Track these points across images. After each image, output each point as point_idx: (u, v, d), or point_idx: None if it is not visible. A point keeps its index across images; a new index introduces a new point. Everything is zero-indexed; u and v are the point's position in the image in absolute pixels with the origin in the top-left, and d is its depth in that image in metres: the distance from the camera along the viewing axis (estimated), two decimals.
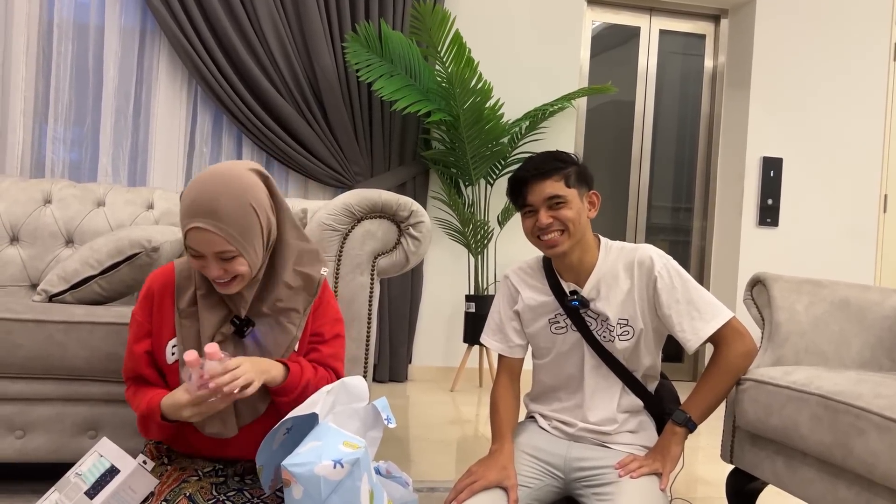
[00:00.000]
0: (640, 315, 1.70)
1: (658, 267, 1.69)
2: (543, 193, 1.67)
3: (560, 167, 1.68)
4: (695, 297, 1.68)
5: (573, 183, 1.68)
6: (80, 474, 1.40)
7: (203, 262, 1.35)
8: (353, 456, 1.21)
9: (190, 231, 1.32)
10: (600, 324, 1.72)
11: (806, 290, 1.95)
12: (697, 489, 2.41)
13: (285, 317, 1.46)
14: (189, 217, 1.33)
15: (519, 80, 4.26)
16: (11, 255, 2.46)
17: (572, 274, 1.74)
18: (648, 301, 1.70)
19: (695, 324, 1.66)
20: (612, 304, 1.71)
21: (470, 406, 3.59)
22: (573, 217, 1.66)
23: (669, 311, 1.68)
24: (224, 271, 1.35)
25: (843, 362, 1.89)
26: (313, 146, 3.86)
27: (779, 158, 4.56)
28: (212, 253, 1.33)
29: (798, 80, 4.59)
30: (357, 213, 1.94)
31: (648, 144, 4.81)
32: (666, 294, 1.68)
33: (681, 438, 1.66)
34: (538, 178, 1.68)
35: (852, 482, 1.51)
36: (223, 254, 1.34)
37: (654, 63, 4.81)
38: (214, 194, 1.33)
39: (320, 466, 1.18)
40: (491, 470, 1.62)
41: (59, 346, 1.81)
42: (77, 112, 3.75)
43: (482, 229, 3.93)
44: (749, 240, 4.55)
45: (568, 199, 1.66)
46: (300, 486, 1.18)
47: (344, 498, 1.19)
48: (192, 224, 1.32)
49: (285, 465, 1.19)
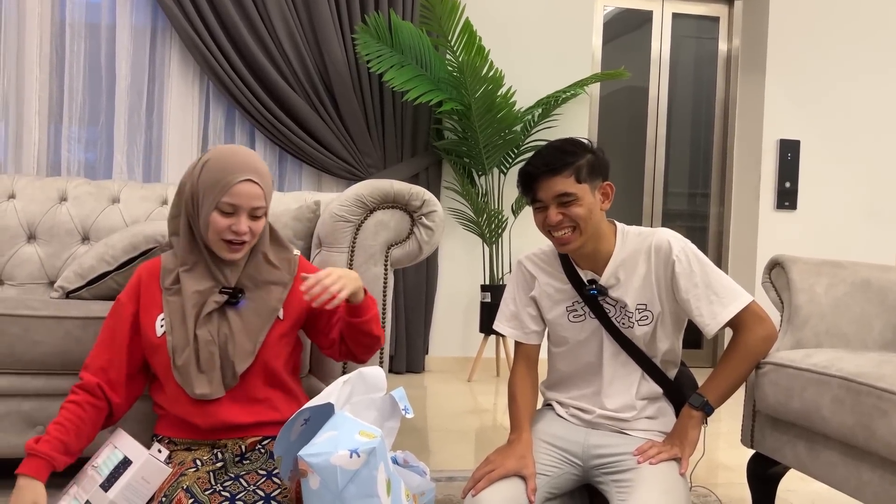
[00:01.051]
0: (657, 299, 1.67)
1: (676, 251, 1.66)
2: (553, 191, 1.61)
3: (570, 162, 1.61)
4: (713, 280, 1.64)
5: (584, 177, 1.62)
6: (95, 467, 1.41)
7: (232, 219, 1.47)
8: (370, 445, 1.20)
9: (239, 184, 1.46)
10: (619, 310, 1.70)
11: (826, 272, 1.92)
12: (718, 475, 2.39)
13: (265, 290, 1.56)
14: (236, 172, 1.46)
15: (531, 68, 4.23)
16: (29, 254, 2.48)
17: (589, 262, 1.71)
18: (666, 285, 1.68)
19: (713, 308, 1.63)
20: (631, 290, 1.68)
21: (487, 395, 3.58)
22: (584, 215, 1.61)
23: (688, 295, 1.65)
24: (249, 229, 1.48)
25: (865, 344, 1.86)
26: (326, 139, 3.86)
27: (796, 141, 4.50)
28: (249, 208, 1.47)
29: (814, 61, 4.52)
30: (369, 203, 1.93)
31: (663, 130, 4.76)
32: (684, 278, 1.65)
33: (698, 422, 1.64)
34: (547, 174, 1.61)
35: (876, 465, 1.49)
36: (257, 210, 1.49)
37: (668, 47, 4.76)
38: (254, 157, 1.52)
39: (336, 456, 1.17)
40: (509, 459, 1.61)
41: (78, 341, 1.82)
42: (91, 111, 3.77)
43: (496, 219, 3.91)
44: (767, 224, 4.50)
45: (579, 196, 1.60)
46: (317, 477, 1.18)
47: (360, 487, 1.19)
48: (242, 177, 1.46)
49: (302, 456, 1.19)
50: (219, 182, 1.46)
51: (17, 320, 1.79)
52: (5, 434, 1.83)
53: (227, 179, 1.46)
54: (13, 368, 1.82)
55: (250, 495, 1.36)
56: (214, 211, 1.47)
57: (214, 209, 1.47)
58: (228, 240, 1.48)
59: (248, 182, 1.47)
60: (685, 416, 1.65)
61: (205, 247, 1.53)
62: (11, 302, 1.85)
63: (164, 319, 1.51)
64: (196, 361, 1.48)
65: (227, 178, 1.46)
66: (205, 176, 1.48)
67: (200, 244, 1.53)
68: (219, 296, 1.52)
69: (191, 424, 1.51)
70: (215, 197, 1.46)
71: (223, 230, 1.47)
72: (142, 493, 1.38)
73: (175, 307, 1.51)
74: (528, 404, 1.77)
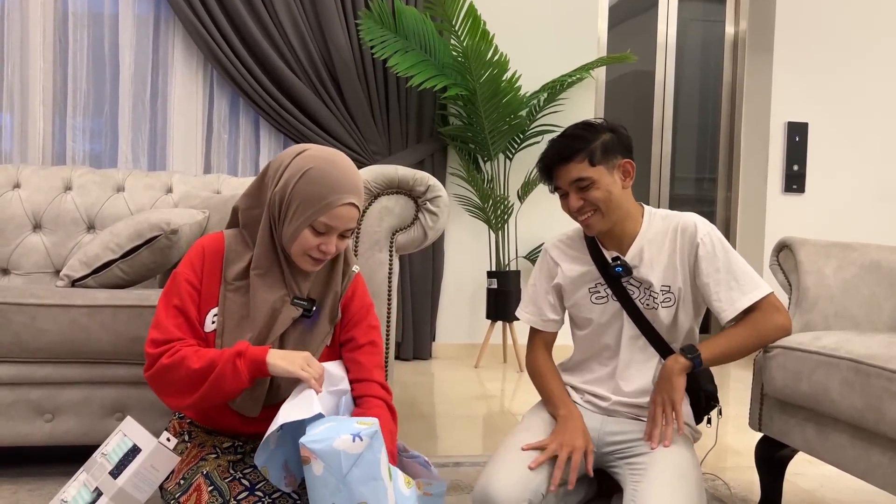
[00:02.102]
0: (681, 280, 1.67)
1: (701, 234, 1.65)
2: (569, 177, 1.63)
3: (581, 147, 1.62)
4: (735, 267, 1.64)
5: (598, 159, 1.62)
6: (105, 454, 1.41)
7: (323, 238, 1.40)
8: (371, 429, 1.20)
9: (343, 207, 1.38)
10: (643, 291, 1.69)
11: (834, 254, 1.90)
12: (727, 459, 2.38)
13: (329, 302, 1.49)
14: (342, 193, 1.38)
15: (536, 52, 4.20)
16: (35, 243, 2.48)
17: (614, 242, 1.71)
18: (690, 268, 1.67)
19: (732, 294, 1.62)
20: (656, 270, 1.67)
21: (494, 382, 3.58)
22: (603, 197, 1.62)
23: (708, 279, 1.64)
24: (336, 248, 1.42)
25: (875, 326, 1.85)
26: (330, 126, 3.84)
27: (804, 123, 4.45)
28: (344, 229, 1.41)
29: (823, 42, 4.47)
30: (374, 189, 1.92)
31: (670, 114, 4.73)
32: (706, 262, 1.64)
33: (682, 369, 1.59)
34: (561, 162, 1.64)
35: (886, 447, 1.48)
36: (348, 231, 1.42)
37: (674, 31, 4.71)
38: (355, 174, 1.42)
39: (339, 441, 1.17)
40: (577, 437, 1.61)
41: (84, 329, 1.82)
42: (95, 100, 3.77)
43: (502, 205, 3.90)
44: (775, 208, 4.47)
45: (595, 180, 1.61)
46: (320, 462, 1.17)
47: (364, 471, 1.19)
48: (347, 200, 1.39)
49: (303, 443, 1.18)
50: (320, 200, 1.37)
51: (24, 309, 1.80)
52: (13, 422, 1.84)
53: (329, 199, 1.37)
54: (20, 357, 1.83)
55: (269, 486, 1.35)
56: (307, 228, 1.38)
57: (308, 227, 1.38)
58: (315, 257, 1.41)
59: (349, 206, 1.39)
60: (671, 362, 1.61)
61: (283, 253, 1.45)
62: (17, 291, 1.85)
63: (217, 316, 1.42)
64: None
65: (329, 199, 1.37)
66: (304, 188, 1.37)
67: (280, 251, 1.45)
68: (293, 310, 1.43)
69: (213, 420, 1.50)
70: (312, 215, 1.37)
71: (312, 248, 1.40)
72: (151, 480, 1.38)
73: (234, 307, 1.42)
74: (558, 379, 1.78)
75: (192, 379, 1.34)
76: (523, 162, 4.11)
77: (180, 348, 1.36)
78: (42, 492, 1.81)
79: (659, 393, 1.61)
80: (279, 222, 1.42)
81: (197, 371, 1.33)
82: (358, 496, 1.18)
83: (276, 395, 1.43)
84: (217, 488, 1.34)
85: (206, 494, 1.33)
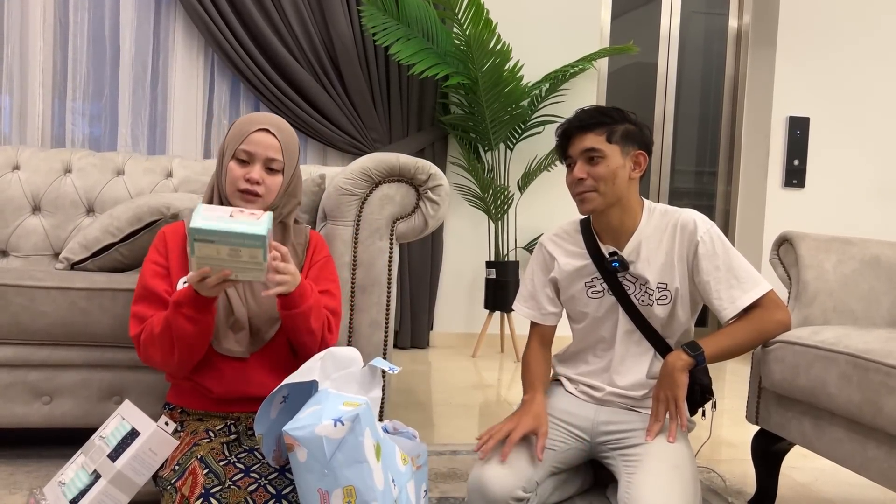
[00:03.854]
0: (678, 278, 1.67)
1: (701, 231, 1.65)
2: (582, 145, 1.65)
3: (605, 122, 1.64)
4: (736, 265, 1.64)
5: (617, 139, 1.63)
6: (103, 437, 1.41)
7: (247, 169, 1.51)
8: (353, 413, 1.20)
9: (255, 132, 1.52)
10: (639, 287, 1.69)
11: (834, 249, 1.90)
12: (722, 452, 2.39)
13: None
14: (254, 124, 1.53)
15: (539, 42, 4.18)
16: (34, 225, 2.47)
17: (612, 236, 1.71)
18: (688, 265, 1.66)
19: (733, 292, 1.62)
20: (653, 266, 1.67)
21: (491, 371, 3.59)
22: (605, 174, 1.62)
23: (708, 277, 1.64)
24: (262, 180, 1.51)
25: (874, 321, 1.85)
26: (331, 113, 3.83)
27: (805, 118, 4.45)
28: (264, 157, 1.52)
29: (826, 37, 4.45)
30: (375, 176, 1.91)
31: (671, 107, 4.72)
32: (706, 260, 1.64)
33: (685, 366, 1.58)
34: (580, 130, 1.65)
35: (882, 441, 1.48)
36: (272, 162, 1.53)
37: (677, 23, 4.70)
38: (278, 118, 1.59)
39: (321, 427, 1.18)
40: (525, 417, 1.63)
41: (83, 312, 1.82)
42: (95, 83, 3.75)
43: (502, 195, 3.89)
44: (775, 202, 4.47)
45: (606, 155, 1.62)
46: (304, 449, 1.18)
47: (348, 455, 1.19)
48: (258, 127, 1.53)
49: (286, 430, 1.19)
50: (238, 133, 1.53)
51: (23, 291, 1.79)
52: (11, 404, 1.84)
53: (245, 128, 1.53)
54: (18, 339, 1.82)
55: (265, 468, 1.36)
56: (232, 160, 1.52)
57: (232, 158, 1.52)
58: (243, 189, 1.51)
59: (263, 131, 1.52)
60: (674, 359, 1.60)
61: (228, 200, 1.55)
62: (16, 273, 1.84)
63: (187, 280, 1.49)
64: (226, 317, 1.49)
65: (245, 128, 1.53)
66: (230, 132, 1.56)
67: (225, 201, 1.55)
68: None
69: (205, 392, 1.51)
70: (234, 146, 1.52)
71: (238, 178, 1.51)
72: (149, 463, 1.38)
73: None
74: (541, 371, 1.79)
75: (162, 341, 1.43)
76: (524, 152, 4.11)
77: (151, 321, 1.47)
78: (39, 473, 1.82)
79: (662, 389, 1.61)
80: (219, 178, 1.56)
81: (161, 333, 1.42)
82: (343, 480, 1.19)
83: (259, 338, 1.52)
84: (212, 471, 1.34)
85: (201, 477, 1.33)
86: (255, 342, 1.52)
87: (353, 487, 1.20)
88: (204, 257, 1.30)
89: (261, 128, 1.53)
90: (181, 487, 1.35)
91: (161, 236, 1.58)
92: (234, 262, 1.31)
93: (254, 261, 1.30)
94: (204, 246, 1.28)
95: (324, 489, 1.19)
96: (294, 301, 1.44)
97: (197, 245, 1.28)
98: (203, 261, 1.30)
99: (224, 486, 1.31)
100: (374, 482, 1.22)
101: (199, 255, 1.29)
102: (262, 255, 1.30)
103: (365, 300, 1.93)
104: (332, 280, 1.65)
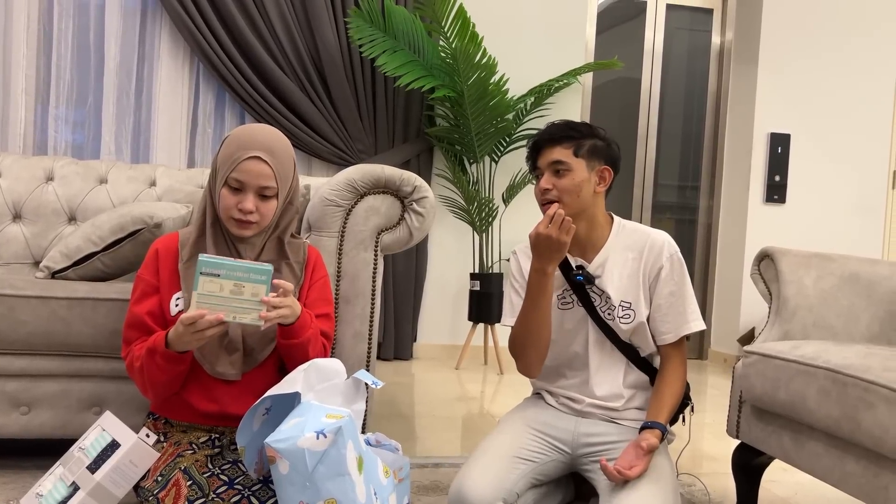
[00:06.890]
0: (642, 299, 1.69)
1: (667, 254, 1.69)
2: (550, 157, 1.68)
3: (572, 136, 1.68)
4: (688, 295, 1.70)
5: (584, 153, 1.67)
6: (83, 448, 1.40)
7: (240, 197, 1.46)
8: (335, 425, 1.20)
9: (246, 160, 1.45)
10: (604, 301, 1.71)
11: (814, 264, 1.92)
12: (703, 465, 2.40)
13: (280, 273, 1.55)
14: (245, 149, 1.46)
15: (524, 56, 4.21)
16: (14, 233, 2.45)
17: (579, 249, 1.73)
18: (650, 285, 1.69)
19: (678, 319, 1.68)
20: (616, 283, 1.69)
21: (475, 383, 3.59)
22: (569, 187, 1.65)
23: (661, 300, 1.69)
24: (256, 208, 1.47)
25: (852, 336, 1.88)
26: (316, 124, 3.83)
27: (786, 134, 4.51)
28: (257, 186, 1.46)
29: (807, 56, 4.52)
30: (360, 188, 1.92)
31: (655, 122, 4.77)
32: (665, 284, 1.69)
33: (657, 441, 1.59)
34: (549, 143, 1.69)
35: (860, 456, 1.50)
36: (265, 189, 1.47)
37: (661, 39, 4.75)
38: (270, 137, 1.50)
39: (303, 439, 1.18)
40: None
41: (63, 322, 1.80)
42: (79, 90, 3.73)
43: (487, 207, 3.91)
44: (756, 217, 4.52)
45: (572, 168, 1.66)
46: (286, 461, 1.18)
47: (330, 467, 1.19)
48: (249, 153, 1.45)
49: (268, 443, 1.19)
50: (229, 158, 1.47)
51: (2, 300, 1.77)
52: None
53: (236, 155, 1.46)
54: None
55: (248, 480, 1.35)
56: (224, 187, 1.47)
57: (224, 185, 1.47)
58: (236, 218, 1.48)
59: (255, 159, 1.45)
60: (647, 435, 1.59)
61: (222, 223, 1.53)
62: None
63: (181, 297, 1.49)
64: (220, 338, 1.46)
65: (236, 154, 1.46)
66: (222, 151, 1.50)
67: (219, 220, 1.53)
68: None
69: (191, 408, 1.49)
70: (225, 172, 1.47)
71: (230, 207, 1.47)
72: (129, 476, 1.37)
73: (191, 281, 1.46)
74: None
75: (140, 377, 1.45)
76: (509, 165, 4.13)
77: (133, 351, 1.48)
78: (16, 485, 1.79)
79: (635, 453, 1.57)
80: (215, 192, 1.52)
81: (139, 369, 1.45)
82: (325, 493, 1.19)
83: (253, 358, 1.51)
84: (196, 483, 1.33)
85: (185, 489, 1.33)
86: (249, 363, 1.50)
87: (335, 500, 1.20)
88: (205, 294, 1.32)
89: (252, 155, 1.46)
90: (164, 499, 1.33)
91: (153, 253, 1.55)
92: (234, 301, 1.34)
93: (254, 299, 1.34)
94: (208, 282, 1.32)
95: (306, 502, 1.19)
96: (294, 332, 1.44)
97: (201, 280, 1.32)
98: (204, 298, 1.32)
99: (207, 497, 1.30)
100: (356, 495, 1.21)
101: (201, 292, 1.32)
102: (266, 291, 1.34)
103: (349, 311, 1.93)
104: (329, 301, 1.64)
